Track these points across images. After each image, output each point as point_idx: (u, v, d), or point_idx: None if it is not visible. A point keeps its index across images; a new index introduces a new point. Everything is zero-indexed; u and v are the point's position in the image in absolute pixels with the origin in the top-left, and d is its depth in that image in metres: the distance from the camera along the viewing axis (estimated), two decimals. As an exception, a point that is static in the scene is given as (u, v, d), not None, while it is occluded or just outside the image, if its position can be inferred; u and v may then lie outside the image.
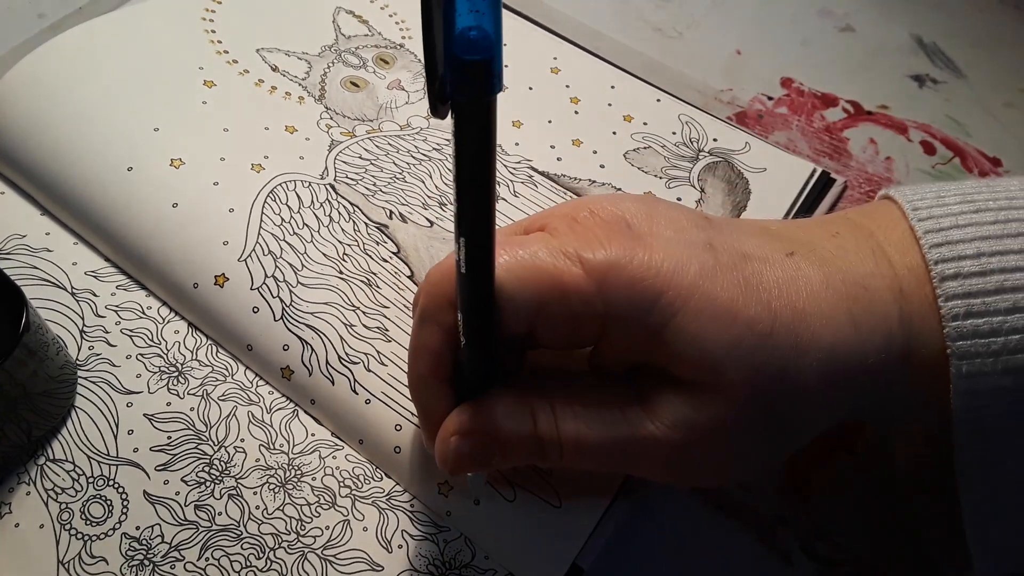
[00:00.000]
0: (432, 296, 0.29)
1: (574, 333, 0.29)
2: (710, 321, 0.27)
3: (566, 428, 0.29)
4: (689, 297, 0.27)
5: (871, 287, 0.28)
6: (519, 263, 0.28)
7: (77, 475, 0.34)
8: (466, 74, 0.21)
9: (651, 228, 0.29)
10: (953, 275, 0.27)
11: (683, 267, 0.27)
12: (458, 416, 0.29)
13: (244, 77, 0.44)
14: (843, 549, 0.35)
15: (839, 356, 0.27)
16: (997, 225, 0.28)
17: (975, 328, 0.27)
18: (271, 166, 0.41)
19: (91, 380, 0.36)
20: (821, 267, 0.29)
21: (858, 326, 0.28)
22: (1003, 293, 0.27)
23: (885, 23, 0.54)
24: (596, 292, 0.27)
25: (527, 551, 0.33)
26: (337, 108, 0.44)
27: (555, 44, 0.49)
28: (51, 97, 0.41)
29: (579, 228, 0.29)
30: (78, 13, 0.49)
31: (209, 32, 0.46)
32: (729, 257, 0.28)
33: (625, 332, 0.28)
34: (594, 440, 0.28)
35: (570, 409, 0.29)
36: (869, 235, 0.30)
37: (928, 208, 0.29)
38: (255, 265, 0.37)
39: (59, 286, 0.38)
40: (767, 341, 0.27)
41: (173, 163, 0.40)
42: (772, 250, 0.29)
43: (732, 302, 0.27)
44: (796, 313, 0.27)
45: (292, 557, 0.32)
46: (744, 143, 0.45)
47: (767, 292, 0.28)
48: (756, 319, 0.27)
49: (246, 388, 0.36)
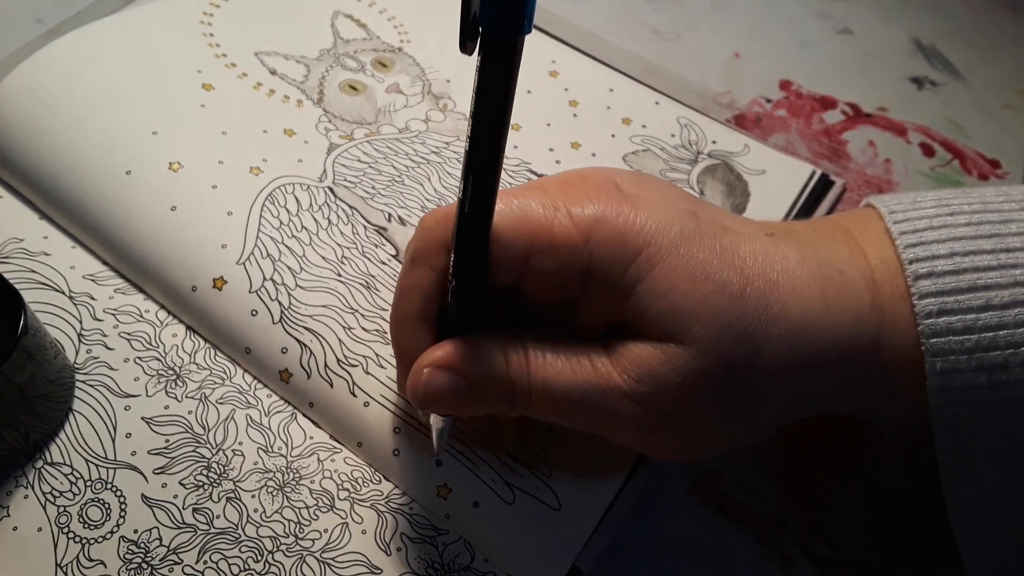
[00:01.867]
0: (425, 239, 0.30)
1: (559, 285, 0.29)
2: (682, 280, 0.27)
3: (536, 372, 0.29)
4: (666, 255, 0.28)
5: (845, 272, 0.29)
6: (513, 211, 0.29)
7: (75, 478, 0.34)
8: (499, 11, 0.22)
9: (639, 192, 0.30)
10: (927, 273, 0.28)
11: (665, 227, 0.28)
12: (434, 350, 0.29)
13: (242, 80, 0.44)
14: (843, 550, 0.35)
15: (807, 331, 0.28)
16: (971, 227, 0.29)
17: (948, 325, 0.27)
18: (269, 169, 0.41)
19: (89, 383, 0.36)
20: (798, 248, 0.29)
21: (829, 305, 0.28)
22: (976, 291, 0.27)
23: (884, 25, 0.54)
24: (582, 243, 0.28)
25: (526, 553, 0.33)
26: (336, 111, 0.44)
27: (554, 47, 0.49)
28: (49, 101, 0.41)
29: (570, 188, 0.30)
30: (76, 18, 0.49)
31: (207, 36, 0.46)
32: (710, 226, 0.29)
33: (604, 286, 0.29)
34: (562, 386, 0.29)
35: (542, 355, 0.29)
36: (846, 231, 0.31)
37: (904, 211, 0.30)
38: (253, 268, 0.37)
39: (57, 289, 0.38)
40: (736, 304, 0.27)
41: (171, 167, 0.39)
42: (753, 228, 0.30)
43: (706, 264, 0.28)
44: (769, 283, 0.28)
45: (291, 560, 0.32)
46: (743, 145, 0.45)
47: (742, 261, 0.28)
48: (727, 282, 0.28)
49: (244, 391, 0.36)
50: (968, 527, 0.29)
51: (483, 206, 0.27)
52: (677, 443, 0.30)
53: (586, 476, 0.34)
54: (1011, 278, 0.27)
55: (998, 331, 0.27)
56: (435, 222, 0.29)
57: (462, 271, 0.28)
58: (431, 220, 0.30)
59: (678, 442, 0.30)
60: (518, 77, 0.24)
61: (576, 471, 0.34)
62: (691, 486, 0.36)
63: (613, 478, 0.34)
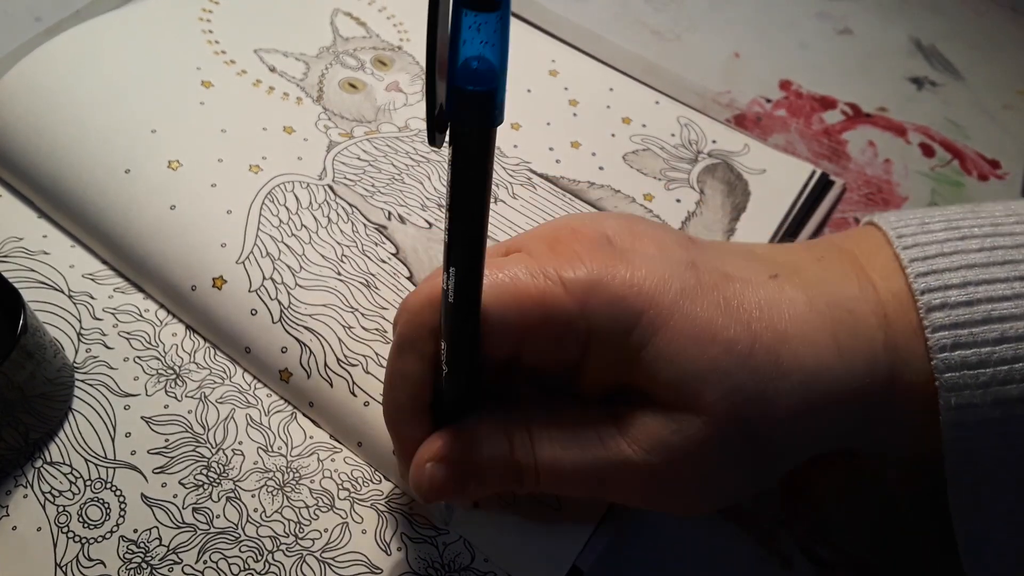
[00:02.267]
0: (412, 324, 0.28)
1: (557, 353, 0.28)
2: (689, 342, 0.27)
3: (543, 452, 0.28)
4: (669, 317, 0.27)
5: (856, 311, 0.28)
6: (500, 287, 0.27)
7: (74, 478, 0.34)
8: (467, 104, 0.21)
9: (633, 244, 0.29)
10: (940, 305, 0.27)
11: (664, 285, 0.27)
12: (433, 442, 0.29)
13: (242, 77, 0.44)
14: (842, 552, 0.35)
15: (821, 379, 0.27)
16: (983, 253, 0.28)
17: (963, 359, 0.26)
18: (269, 167, 0.41)
19: (88, 383, 0.36)
20: (805, 290, 0.28)
21: (842, 350, 0.27)
22: (991, 323, 0.26)
23: (883, 26, 0.54)
24: (579, 311, 0.27)
25: (526, 553, 0.33)
26: (335, 109, 0.44)
27: (554, 47, 0.49)
28: (48, 100, 0.41)
29: (560, 247, 0.29)
30: (75, 16, 0.49)
31: (206, 32, 0.46)
32: (711, 277, 0.28)
33: (607, 351, 0.28)
34: (570, 464, 0.28)
35: (547, 433, 0.29)
36: (853, 260, 0.30)
37: (913, 235, 0.29)
38: (253, 267, 0.37)
39: (56, 289, 0.38)
40: (746, 362, 0.27)
41: (171, 165, 0.39)
42: (755, 272, 0.29)
43: (711, 323, 0.27)
44: (777, 335, 0.27)
45: (291, 559, 0.32)
46: (743, 145, 0.45)
47: (747, 313, 0.27)
48: (735, 340, 0.27)
49: (244, 390, 0.36)
50: (976, 556, 0.29)
51: (469, 296, 0.26)
52: (690, 502, 0.30)
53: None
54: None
55: (1014, 364, 0.26)
56: (420, 306, 0.28)
57: (455, 359, 0.27)
58: (415, 303, 0.28)
59: (684, 501, 0.30)
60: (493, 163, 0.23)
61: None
62: (691, 486, 0.36)
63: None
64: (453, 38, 0.20)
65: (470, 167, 0.23)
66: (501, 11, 0.20)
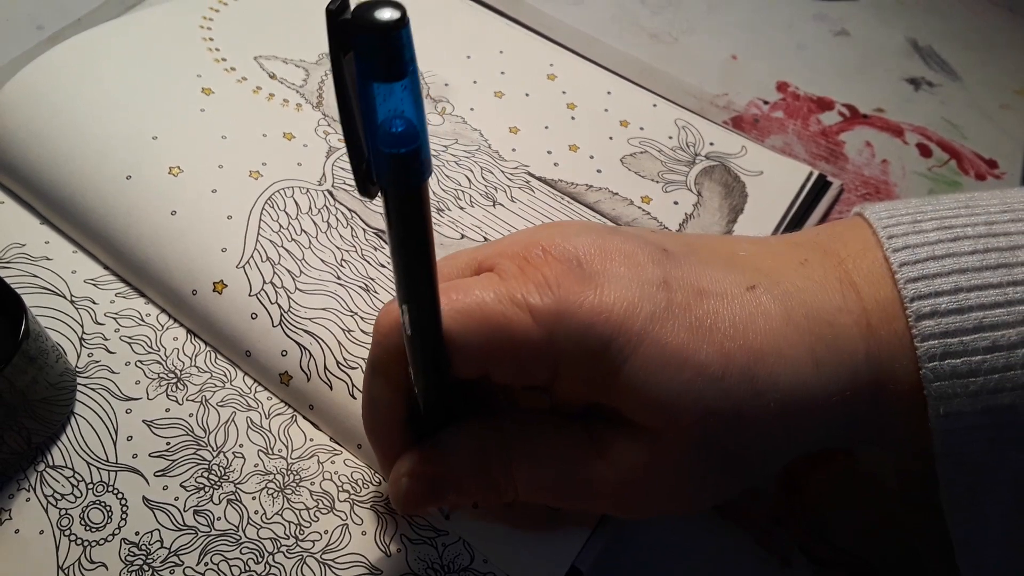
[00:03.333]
0: (381, 346, 0.28)
1: (526, 377, 0.28)
2: (660, 367, 0.26)
3: (520, 471, 0.29)
4: (639, 343, 0.26)
5: (836, 323, 0.27)
6: (466, 312, 0.27)
7: (76, 481, 0.34)
8: (393, 166, 0.21)
9: (604, 266, 0.28)
10: (929, 313, 0.26)
11: (634, 310, 0.27)
12: (408, 458, 0.29)
13: (242, 84, 0.44)
14: (841, 551, 0.35)
15: (798, 395, 0.27)
16: (976, 256, 0.27)
17: (953, 369, 0.26)
18: (269, 173, 0.41)
19: (90, 387, 0.36)
20: (784, 301, 0.28)
21: (820, 365, 0.27)
22: (982, 331, 0.26)
23: (880, 27, 0.54)
24: (546, 340, 0.27)
25: (526, 554, 0.33)
26: (335, 115, 0.44)
27: (551, 50, 0.49)
28: (50, 107, 0.41)
29: (529, 269, 0.28)
30: (76, 24, 0.49)
31: (207, 40, 0.46)
32: (683, 295, 0.27)
33: (577, 376, 0.28)
34: (548, 482, 0.29)
35: (523, 450, 0.29)
36: (838, 263, 0.29)
37: (904, 236, 0.28)
38: (253, 271, 0.37)
39: (58, 294, 0.38)
40: (719, 384, 0.26)
41: (171, 171, 0.40)
42: (731, 284, 0.28)
43: (683, 346, 0.26)
44: (752, 354, 0.27)
45: (291, 561, 0.33)
46: (740, 147, 0.45)
47: (721, 333, 0.27)
48: (707, 363, 0.26)
49: (245, 394, 0.36)
50: (973, 558, 0.29)
51: (426, 330, 0.26)
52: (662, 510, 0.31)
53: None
54: (1019, 315, 0.26)
55: (1005, 372, 0.26)
56: (388, 329, 0.28)
57: (422, 383, 0.28)
58: (385, 325, 0.28)
59: (663, 509, 0.30)
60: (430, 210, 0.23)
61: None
62: (690, 486, 0.36)
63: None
64: (366, 106, 0.20)
65: (406, 220, 0.23)
66: (409, 78, 0.19)
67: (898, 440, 0.29)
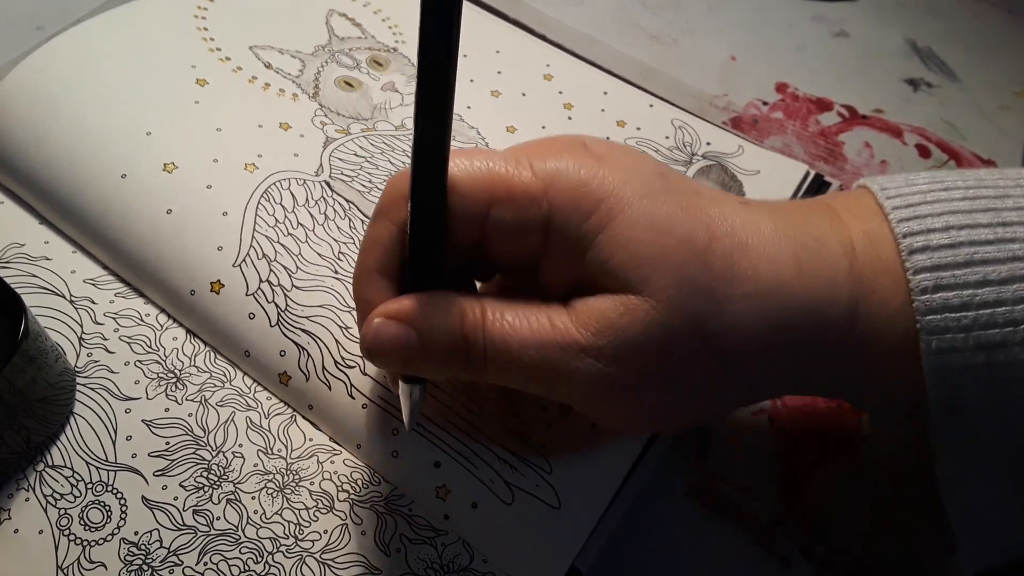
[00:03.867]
0: (389, 194, 0.29)
1: (520, 239, 0.29)
2: (643, 230, 0.27)
3: (492, 328, 0.28)
4: (628, 206, 0.27)
5: (822, 239, 0.28)
6: (473, 165, 0.28)
7: (76, 481, 0.34)
8: None
9: (608, 152, 0.29)
10: (922, 247, 0.27)
11: (628, 181, 0.28)
12: (388, 303, 0.29)
13: (237, 74, 0.44)
14: (840, 551, 0.35)
15: (777, 294, 0.27)
16: (966, 201, 0.28)
17: (945, 302, 0.26)
18: (265, 165, 0.41)
19: (90, 387, 0.36)
20: (773, 217, 0.29)
21: (802, 270, 0.27)
22: (973, 266, 0.26)
23: (879, 28, 0.54)
24: (542, 193, 0.28)
25: (525, 553, 0.33)
26: (332, 106, 0.44)
27: (548, 51, 0.49)
28: (46, 104, 0.41)
29: (537, 146, 0.30)
30: (76, 25, 0.49)
31: (201, 30, 0.46)
32: (678, 186, 0.28)
33: (564, 237, 0.28)
34: (518, 344, 0.28)
35: (499, 312, 0.28)
36: (829, 207, 0.30)
37: (896, 188, 0.29)
38: (250, 270, 0.37)
39: (58, 294, 0.38)
40: (700, 258, 0.27)
41: (166, 168, 0.40)
42: (725, 196, 0.29)
43: (670, 217, 0.27)
44: (737, 244, 0.27)
45: (290, 561, 0.33)
46: (737, 146, 0.45)
47: (710, 219, 0.28)
48: (692, 235, 0.27)
49: (244, 394, 0.36)
50: (962, 511, 0.29)
51: (434, 148, 0.27)
52: (633, 409, 0.29)
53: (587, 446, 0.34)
54: (1009, 252, 0.26)
55: (996, 307, 0.26)
56: (400, 177, 0.29)
57: (418, 219, 0.28)
58: (397, 177, 0.29)
59: (634, 408, 0.29)
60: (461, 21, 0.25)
61: (577, 452, 0.34)
62: (689, 487, 0.36)
63: (612, 477, 0.34)
64: None
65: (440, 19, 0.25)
66: None
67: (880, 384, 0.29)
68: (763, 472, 0.37)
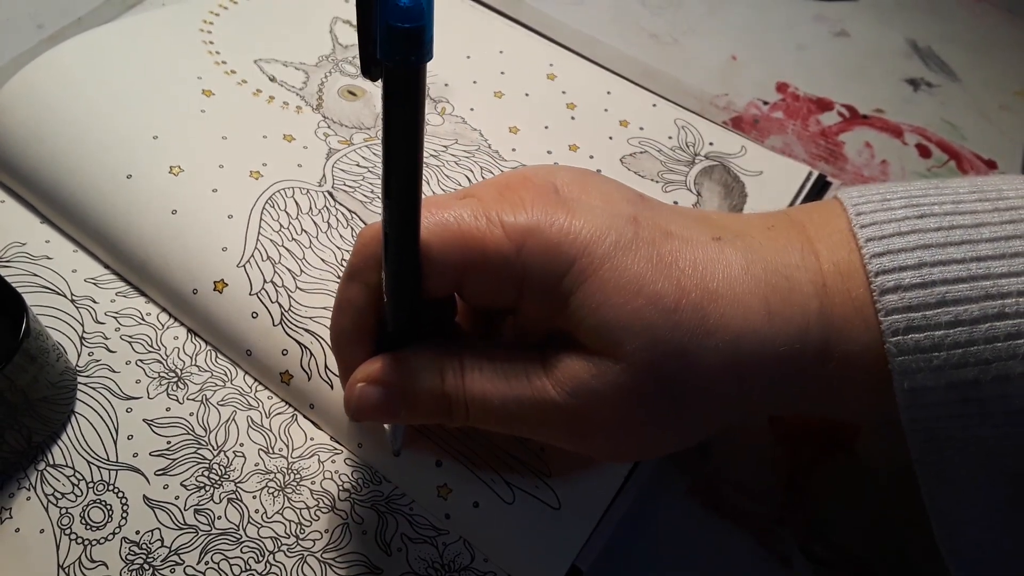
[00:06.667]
0: (360, 255, 0.29)
1: (496, 293, 0.29)
2: (614, 291, 0.27)
3: (472, 386, 0.29)
4: (600, 266, 0.27)
5: (792, 278, 0.28)
6: (444, 226, 0.28)
7: (77, 480, 0.34)
8: (397, 41, 0.22)
9: (579, 195, 0.29)
10: (893, 287, 0.27)
11: (600, 236, 0.28)
12: (368, 365, 0.30)
13: (242, 87, 0.44)
14: (841, 551, 0.35)
15: (748, 341, 0.27)
16: (941, 232, 0.27)
17: (916, 343, 0.26)
18: (269, 173, 0.41)
19: (91, 386, 0.36)
20: (745, 254, 0.28)
21: (772, 314, 0.27)
22: (945, 306, 0.26)
23: (880, 28, 0.54)
24: (515, 254, 0.28)
25: (526, 553, 0.33)
26: (334, 117, 0.44)
27: (551, 50, 0.49)
28: (51, 107, 0.41)
29: (508, 193, 0.29)
30: (77, 24, 0.49)
31: (207, 43, 0.46)
32: (650, 232, 0.28)
33: (540, 296, 0.28)
34: (498, 399, 0.29)
35: (478, 368, 0.29)
36: (802, 231, 0.30)
37: (872, 212, 0.29)
38: (254, 271, 0.37)
39: (59, 293, 0.38)
40: (670, 317, 0.27)
41: (172, 170, 0.40)
42: (698, 232, 0.29)
43: (640, 276, 0.27)
44: (707, 294, 0.27)
45: (292, 560, 0.33)
46: (740, 147, 0.45)
47: (680, 271, 0.28)
48: (661, 294, 0.27)
49: (245, 393, 0.36)
50: (949, 539, 0.29)
51: (406, 228, 0.27)
52: (610, 449, 0.30)
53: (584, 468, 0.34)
54: (982, 291, 0.26)
55: (968, 347, 0.26)
56: (370, 237, 0.29)
57: (393, 288, 0.28)
58: (367, 234, 0.29)
59: (611, 448, 0.30)
60: (425, 99, 0.24)
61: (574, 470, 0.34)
62: (690, 487, 0.36)
63: (612, 477, 0.34)
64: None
65: (403, 102, 0.24)
66: None
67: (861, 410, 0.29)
68: (763, 472, 0.37)
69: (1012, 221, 0.27)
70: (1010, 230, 0.27)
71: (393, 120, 0.24)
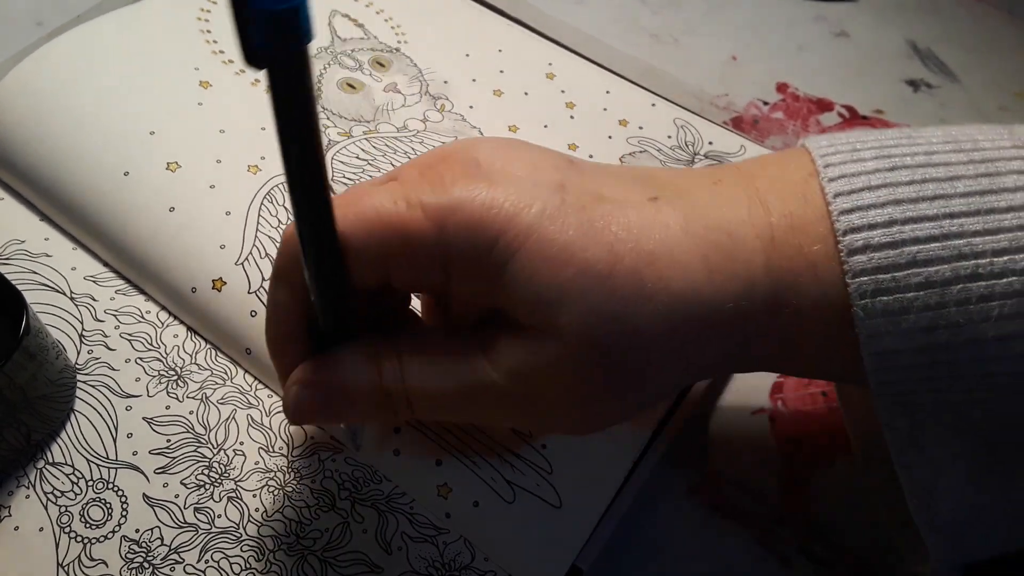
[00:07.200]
0: (283, 255, 0.28)
1: (423, 280, 0.28)
2: (544, 263, 0.26)
3: (412, 379, 0.28)
4: (526, 239, 0.26)
5: (736, 233, 0.27)
6: (361, 216, 0.27)
7: (76, 478, 0.34)
8: (273, 25, 0.21)
9: (503, 167, 0.28)
10: (862, 247, 0.25)
11: (524, 207, 0.26)
12: (303, 368, 0.29)
13: (240, 77, 0.44)
14: (841, 551, 0.35)
15: (689, 301, 0.26)
16: (913, 186, 0.26)
17: (884, 306, 0.25)
18: (268, 167, 0.41)
19: (90, 384, 0.36)
20: (684, 212, 0.27)
21: (713, 272, 0.26)
22: (915, 267, 0.25)
23: (880, 28, 0.54)
24: (437, 235, 0.26)
25: (527, 552, 0.33)
26: (334, 109, 0.44)
27: (550, 49, 0.49)
28: (48, 101, 0.41)
29: (429, 173, 0.28)
30: (76, 20, 0.49)
31: (205, 32, 0.46)
32: (578, 198, 0.27)
33: (468, 276, 0.27)
34: (439, 390, 0.28)
35: (416, 359, 0.28)
36: (750, 183, 0.28)
37: (841, 165, 0.27)
38: (252, 268, 0.37)
39: (58, 291, 0.38)
40: (604, 283, 0.26)
41: (169, 167, 0.40)
42: (632, 193, 0.28)
43: (569, 244, 0.26)
44: (642, 256, 0.26)
45: (292, 559, 0.33)
46: (739, 146, 0.45)
47: (613, 235, 0.26)
48: (593, 261, 0.26)
49: (245, 391, 0.36)
50: (925, 510, 0.28)
51: (316, 225, 0.26)
52: (566, 424, 0.30)
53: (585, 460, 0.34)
54: (954, 250, 0.25)
55: (939, 310, 0.25)
56: (290, 235, 0.28)
57: (318, 285, 0.27)
58: (288, 233, 0.28)
59: (567, 423, 0.30)
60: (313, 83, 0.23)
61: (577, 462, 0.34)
62: (690, 486, 0.36)
63: (612, 477, 0.34)
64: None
65: (289, 88, 0.23)
66: None
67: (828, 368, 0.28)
68: (763, 472, 0.37)
69: (988, 175, 0.26)
70: (985, 184, 0.26)
71: (282, 110, 0.23)
